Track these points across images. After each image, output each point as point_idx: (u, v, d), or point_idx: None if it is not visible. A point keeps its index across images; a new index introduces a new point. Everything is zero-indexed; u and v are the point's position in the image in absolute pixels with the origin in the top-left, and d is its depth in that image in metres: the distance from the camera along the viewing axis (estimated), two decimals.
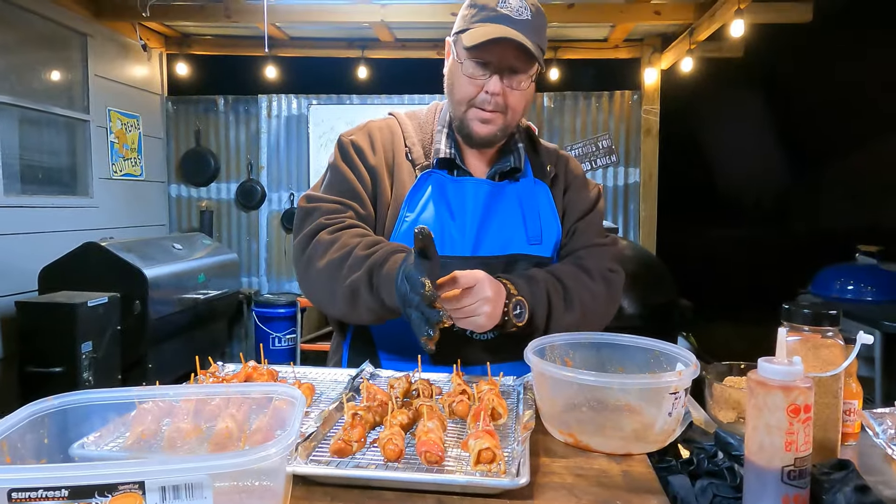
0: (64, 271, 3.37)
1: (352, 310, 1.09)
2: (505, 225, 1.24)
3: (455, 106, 1.22)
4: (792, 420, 0.70)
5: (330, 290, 1.11)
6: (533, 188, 1.29)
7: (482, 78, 1.16)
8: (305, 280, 1.17)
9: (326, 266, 1.11)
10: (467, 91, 1.18)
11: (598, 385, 0.85)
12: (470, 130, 1.21)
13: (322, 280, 1.12)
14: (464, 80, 1.18)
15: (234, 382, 1.02)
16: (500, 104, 1.17)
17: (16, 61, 3.60)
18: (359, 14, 4.21)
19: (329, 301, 1.13)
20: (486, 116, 1.18)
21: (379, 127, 1.31)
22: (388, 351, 1.26)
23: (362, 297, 1.06)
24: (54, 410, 0.68)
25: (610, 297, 1.25)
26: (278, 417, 0.79)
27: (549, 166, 1.33)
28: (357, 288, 1.06)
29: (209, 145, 5.13)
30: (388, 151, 1.27)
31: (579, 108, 5.00)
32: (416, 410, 0.87)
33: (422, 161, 1.25)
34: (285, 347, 4.62)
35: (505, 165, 1.28)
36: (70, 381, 2.97)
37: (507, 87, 1.17)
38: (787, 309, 0.91)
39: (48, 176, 3.92)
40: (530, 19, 1.15)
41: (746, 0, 3.37)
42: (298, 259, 1.18)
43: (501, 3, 1.15)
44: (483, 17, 1.15)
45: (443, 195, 1.23)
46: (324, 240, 1.14)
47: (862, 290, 3.78)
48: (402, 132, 1.29)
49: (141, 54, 4.73)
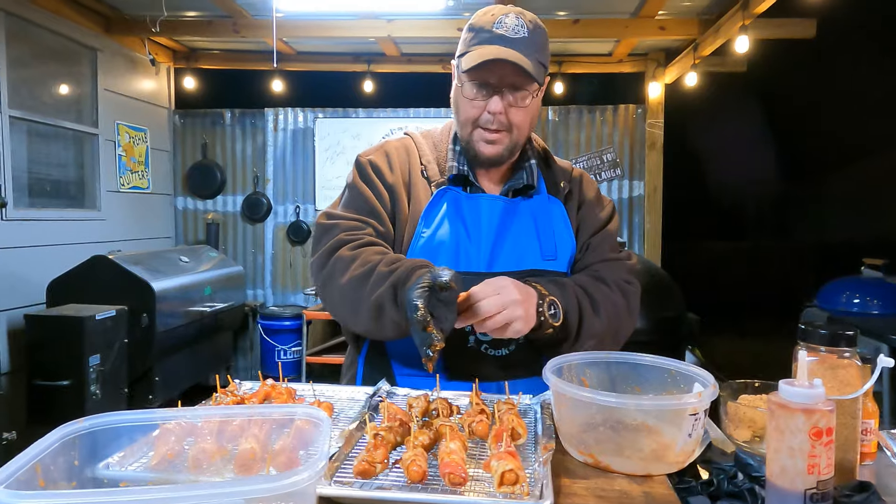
0: (72, 284, 3.38)
1: (377, 325, 1.09)
2: (519, 241, 1.26)
3: (461, 127, 1.24)
4: (814, 443, 0.70)
5: (353, 306, 1.11)
6: (547, 205, 1.30)
7: (483, 99, 1.18)
8: (327, 295, 1.18)
9: (349, 282, 1.11)
10: (470, 112, 1.20)
11: (616, 406, 0.85)
12: (476, 151, 1.23)
13: (346, 296, 1.12)
14: (466, 102, 1.20)
15: (254, 401, 1.02)
16: (504, 123, 1.19)
17: (27, 76, 3.64)
18: (365, 29, 4.26)
19: (352, 317, 1.13)
20: (491, 137, 1.20)
21: (395, 147, 1.33)
22: (403, 364, 1.27)
23: (387, 312, 1.06)
24: (85, 432, 0.69)
25: (629, 308, 1.26)
26: (301, 438, 0.79)
27: (562, 183, 1.34)
28: (382, 304, 1.06)
29: (216, 158, 5.17)
30: (405, 170, 1.29)
31: (584, 122, 5.03)
32: (437, 431, 0.87)
33: (437, 178, 1.27)
34: (291, 360, 4.62)
35: (518, 182, 1.29)
36: (77, 395, 2.97)
37: (509, 106, 1.18)
38: (803, 329, 0.91)
39: (57, 189, 3.95)
40: (527, 36, 1.16)
41: (751, 16, 3.40)
42: (318, 275, 1.18)
43: (497, 24, 1.16)
44: (480, 39, 1.17)
45: (458, 212, 1.24)
46: (345, 256, 1.14)
47: (868, 303, 3.78)
48: (418, 150, 1.31)
49: (149, 68, 4.78)
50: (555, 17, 4.18)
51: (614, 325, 1.21)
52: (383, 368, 1.27)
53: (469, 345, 1.21)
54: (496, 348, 1.22)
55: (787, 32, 4.09)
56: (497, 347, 1.22)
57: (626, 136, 5.01)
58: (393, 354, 1.27)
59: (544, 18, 1.25)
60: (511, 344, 1.22)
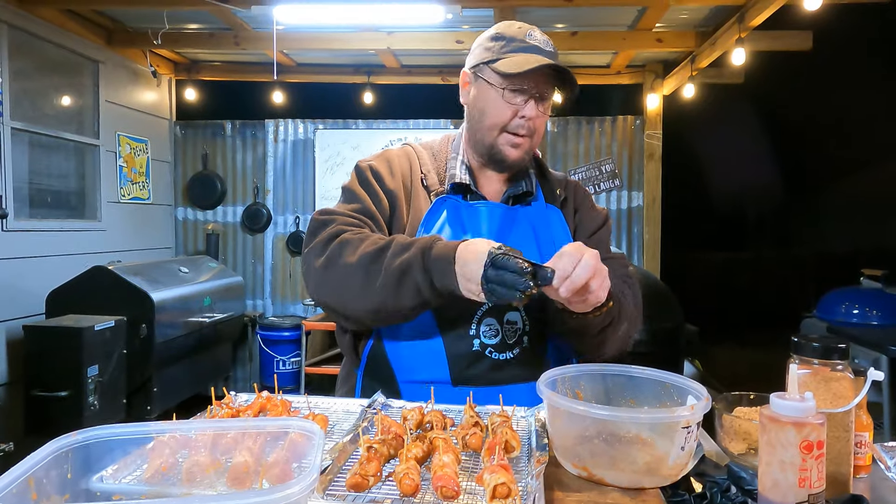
0: (71, 295, 3.39)
1: (395, 292, 1.08)
2: (519, 247, 1.27)
3: (486, 132, 1.25)
4: (805, 456, 0.70)
5: (364, 279, 1.09)
6: (545, 212, 1.33)
7: (520, 104, 1.21)
8: (326, 278, 1.14)
9: (361, 258, 1.10)
10: (503, 116, 1.22)
11: (610, 419, 0.85)
12: (502, 155, 1.25)
13: (356, 271, 1.10)
14: (501, 105, 1.22)
15: (248, 413, 1.02)
16: (531, 128, 1.23)
17: (29, 87, 3.67)
18: (365, 41, 4.30)
19: (360, 293, 1.11)
20: (518, 141, 1.24)
21: (397, 154, 1.35)
22: (407, 371, 1.25)
23: (412, 276, 1.06)
24: (78, 445, 0.69)
25: (635, 299, 1.29)
26: (294, 451, 0.80)
27: (558, 190, 1.38)
28: (408, 267, 1.06)
29: (216, 169, 5.19)
30: (406, 177, 1.31)
31: (582, 133, 5.06)
32: (431, 443, 0.87)
33: (436, 187, 1.29)
34: (290, 371, 4.62)
35: (518, 189, 1.32)
36: (75, 406, 2.97)
37: (539, 112, 1.23)
38: (795, 341, 0.92)
39: (57, 200, 3.96)
40: (553, 51, 1.24)
41: (747, 29, 3.43)
42: (312, 262, 1.16)
43: (529, 35, 1.22)
44: (514, 47, 1.21)
45: (458, 218, 1.26)
46: (351, 239, 1.14)
47: (867, 314, 3.78)
48: (418, 159, 1.34)
49: (150, 80, 4.81)
50: (553, 29, 4.22)
51: (635, 307, 1.26)
52: (385, 379, 1.27)
53: (473, 349, 1.21)
54: (500, 352, 1.23)
55: (784, 45, 4.12)
56: (501, 351, 1.23)
57: (625, 147, 5.03)
58: (396, 362, 1.26)
59: (543, 31, 1.29)
60: (514, 348, 1.23)
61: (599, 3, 3.48)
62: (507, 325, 1.23)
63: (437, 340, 1.21)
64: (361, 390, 1.32)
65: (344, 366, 1.41)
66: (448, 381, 1.21)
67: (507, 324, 1.23)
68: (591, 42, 4.25)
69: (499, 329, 1.22)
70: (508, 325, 1.23)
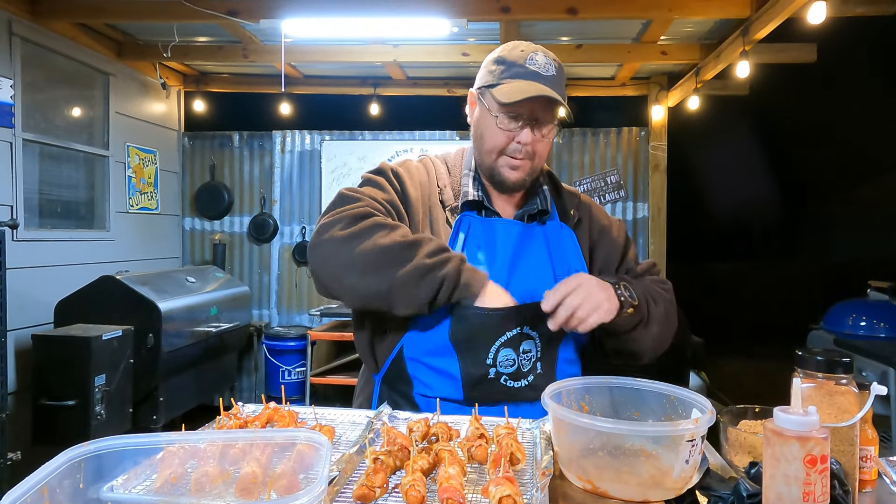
0: (80, 304, 3.41)
1: (415, 281, 1.10)
2: (534, 265, 1.29)
3: (485, 154, 1.29)
4: (809, 471, 0.71)
5: (389, 262, 1.11)
6: (559, 231, 1.34)
7: (515, 130, 1.23)
8: (344, 249, 1.14)
9: (393, 243, 1.12)
10: (499, 141, 1.25)
11: (614, 432, 0.86)
12: (502, 178, 1.28)
13: (382, 252, 1.11)
14: (497, 132, 1.25)
15: (256, 424, 1.03)
16: (529, 152, 1.25)
17: (41, 99, 3.72)
18: (372, 54, 4.34)
19: (380, 271, 1.11)
20: (516, 164, 1.26)
21: (416, 166, 1.37)
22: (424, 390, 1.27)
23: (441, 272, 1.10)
24: (90, 455, 0.70)
25: (667, 304, 1.32)
26: (302, 461, 0.81)
27: (572, 210, 1.39)
28: (442, 264, 1.11)
29: (223, 179, 5.24)
30: (425, 189, 1.33)
31: (588, 145, 5.08)
32: (437, 455, 0.88)
33: (451, 202, 1.31)
34: (295, 381, 4.62)
35: (532, 208, 1.34)
36: (82, 415, 2.98)
37: (535, 137, 1.25)
38: (800, 355, 0.92)
39: (67, 210, 4.00)
40: (555, 74, 1.23)
41: (751, 42, 3.45)
42: (332, 230, 1.16)
43: (529, 60, 1.23)
44: (513, 73, 1.23)
45: (475, 236, 1.28)
46: (383, 222, 1.16)
47: (875, 326, 3.75)
48: (436, 173, 1.36)
49: (160, 92, 4.87)
50: (558, 42, 4.25)
51: (669, 311, 1.30)
52: (402, 391, 1.28)
53: (489, 377, 1.22)
54: (515, 380, 1.23)
55: (788, 57, 4.13)
56: (516, 379, 1.24)
57: (630, 158, 5.05)
58: (415, 377, 1.27)
59: (548, 44, 1.33)
60: (529, 375, 1.24)
61: (604, 16, 3.51)
62: (523, 353, 1.24)
63: (454, 364, 1.23)
64: (379, 398, 1.32)
65: (362, 374, 1.41)
66: (460, 399, 1.22)
67: (523, 353, 1.24)
68: (595, 54, 4.27)
69: (515, 359, 1.23)
70: (524, 354, 1.24)
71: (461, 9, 3.43)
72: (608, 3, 3.40)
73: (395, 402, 1.28)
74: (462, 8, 3.43)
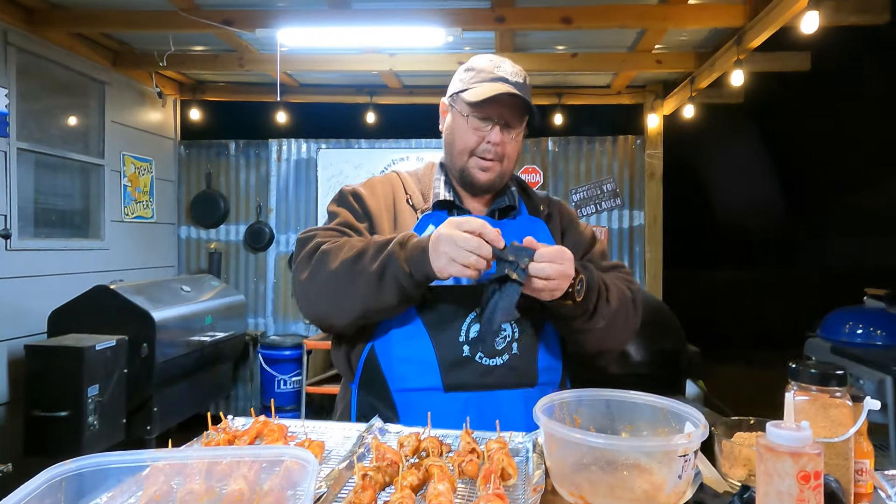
0: (74, 314, 3.39)
1: (376, 291, 1.15)
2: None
3: (456, 156, 1.34)
4: (802, 487, 0.70)
5: (348, 283, 1.16)
6: (530, 224, 1.38)
7: (485, 130, 1.29)
8: (312, 292, 1.21)
9: (342, 264, 1.17)
10: (470, 141, 1.31)
11: (605, 447, 0.85)
12: (472, 178, 1.33)
13: (339, 279, 1.17)
14: (468, 132, 1.31)
15: (245, 438, 1.02)
16: (499, 153, 1.30)
17: (36, 108, 3.72)
18: (368, 63, 4.35)
19: (345, 299, 1.17)
20: (486, 165, 1.31)
21: (380, 180, 1.42)
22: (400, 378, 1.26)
23: (392, 271, 1.13)
24: (72, 474, 0.69)
25: (634, 301, 1.32)
26: (289, 479, 0.79)
27: (542, 206, 1.44)
28: (387, 262, 1.13)
29: (219, 188, 5.23)
30: (389, 199, 1.37)
31: (583, 153, 5.08)
32: (426, 471, 0.87)
33: (422, 205, 1.36)
34: (291, 390, 4.59)
35: (501, 203, 1.39)
36: (75, 426, 2.96)
37: (505, 138, 1.30)
38: (794, 368, 0.91)
39: (61, 219, 3.99)
40: (522, 82, 1.30)
41: (745, 51, 3.46)
42: (298, 277, 1.24)
43: (498, 68, 1.30)
44: (482, 78, 1.30)
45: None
46: (329, 249, 1.21)
47: (871, 334, 3.75)
48: (403, 184, 1.40)
49: (156, 100, 4.87)
50: (554, 51, 4.27)
51: (623, 312, 1.28)
52: (378, 390, 1.28)
53: (464, 355, 1.24)
54: (491, 358, 1.25)
55: (783, 66, 4.16)
56: (490, 357, 1.25)
57: (626, 166, 5.06)
58: (388, 371, 1.27)
59: (543, 53, 1.37)
60: (504, 354, 1.26)
61: (599, 25, 3.52)
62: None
63: (428, 348, 1.24)
64: (357, 405, 1.33)
65: (342, 386, 1.42)
66: (440, 387, 1.23)
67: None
68: (591, 63, 4.29)
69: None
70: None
71: (456, 19, 3.45)
72: (603, 13, 3.42)
73: (371, 405, 1.28)
74: (457, 18, 3.45)
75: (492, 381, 1.24)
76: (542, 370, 1.29)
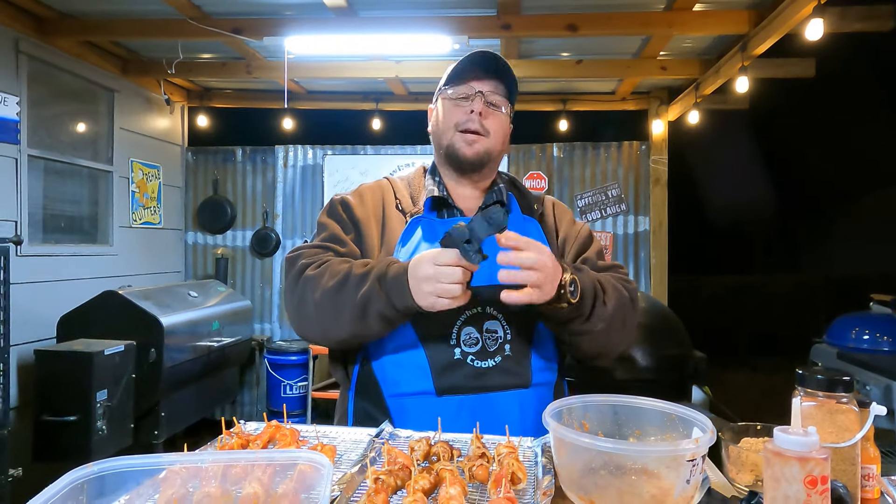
0: (82, 319, 3.42)
1: (361, 323, 1.17)
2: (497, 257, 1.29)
3: (443, 136, 1.36)
4: (810, 491, 0.71)
5: (333, 315, 1.18)
6: (522, 223, 1.37)
7: (466, 104, 1.32)
8: (302, 317, 1.24)
9: (324, 295, 1.18)
10: (454, 116, 1.33)
11: (614, 452, 0.86)
12: (458, 153, 1.33)
13: (323, 309, 1.19)
14: (451, 108, 1.34)
15: (258, 443, 1.04)
16: (484, 126, 1.32)
17: (46, 116, 3.76)
18: (374, 70, 4.38)
19: (332, 326, 1.20)
20: (471, 138, 1.32)
21: (370, 187, 1.43)
22: (394, 389, 1.27)
23: (373, 307, 1.14)
24: (93, 477, 0.71)
25: (633, 301, 1.30)
26: (303, 482, 0.81)
27: (535, 205, 1.44)
28: (368, 299, 1.14)
29: (226, 194, 5.26)
30: (378, 204, 1.38)
31: (588, 158, 5.10)
32: (438, 475, 0.88)
33: (411, 209, 1.36)
34: (297, 395, 4.61)
35: (490, 199, 1.38)
36: (83, 430, 2.97)
37: (486, 112, 1.32)
38: (800, 374, 0.92)
39: (70, 225, 4.03)
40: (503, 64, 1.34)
41: (750, 57, 3.47)
42: (289, 301, 1.27)
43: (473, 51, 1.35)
44: (458, 62, 1.35)
45: (433, 235, 1.29)
46: (311, 275, 1.22)
47: (878, 340, 3.73)
48: (393, 188, 1.41)
49: (164, 107, 4.91)
50: (559, 57, 4.29)
51: (620, 313, 1.26)
52: (373, 396, 1.28)
53: (455, 357, 1.24)
54: (481, 360, 1.25)
55: (787, 72, 4.17)
56: (482, 359, 1.25)
57: (631, 172, 5.07)
58: (382, 377, 1.28)
59: (548, 60, 1.39)
60: (496, 356, 1.26)
61: (604, 32, 3.54)
62: (487, 333, 1.26)
63: (420, 352, 1.24)
64: (353, 412, 1.33)
65: (340, 392, 1.43)
66: (432, 391, 1.22)
67: (486, 332, 1.26)
68: (596, 70, 4.31)
69: (479, 338, 1.25)
70: (488, 334, 1.26)
71: (463, 26, 3.47)
72: (608, 20, 3.44)
73: (366, 411, 1.29)
74: (463, 25, 3.47)
75: (485, 383, 1.23)
76: (535, 371, 1.28)
